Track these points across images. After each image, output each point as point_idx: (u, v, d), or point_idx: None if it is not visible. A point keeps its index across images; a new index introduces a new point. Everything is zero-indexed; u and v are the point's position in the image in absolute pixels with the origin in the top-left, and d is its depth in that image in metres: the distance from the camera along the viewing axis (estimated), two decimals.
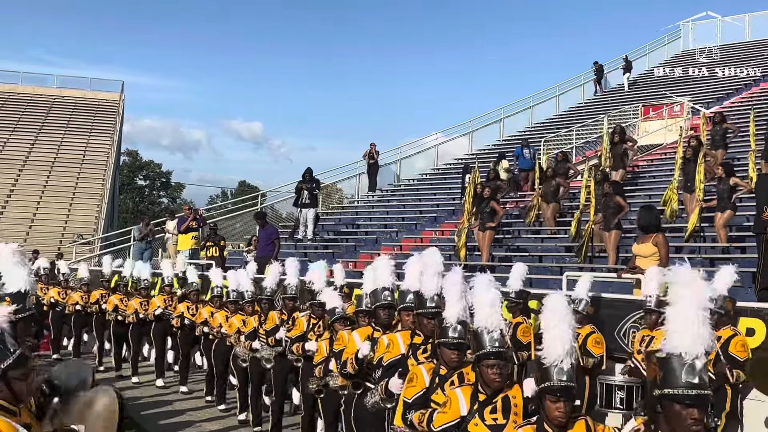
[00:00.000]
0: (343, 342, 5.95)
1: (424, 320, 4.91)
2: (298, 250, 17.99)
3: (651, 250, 7.65)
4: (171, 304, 11.33)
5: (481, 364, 3.90)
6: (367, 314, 6.03)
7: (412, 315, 5.15)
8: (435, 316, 4.73)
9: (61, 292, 13.74)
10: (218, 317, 9.69)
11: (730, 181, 10.67)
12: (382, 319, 5.63)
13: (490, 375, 3.84)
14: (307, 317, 7.59)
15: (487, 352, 3.86)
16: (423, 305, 4.94)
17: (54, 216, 29.02)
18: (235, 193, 57.36)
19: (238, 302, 9.22)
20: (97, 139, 35.24)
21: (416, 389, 4.35)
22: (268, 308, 8.62)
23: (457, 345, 4.31)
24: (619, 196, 11.45)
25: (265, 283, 8.97)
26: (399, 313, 5.44)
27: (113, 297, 12.35)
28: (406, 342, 5.09)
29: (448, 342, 4.31)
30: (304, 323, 7.55)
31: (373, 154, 21.26)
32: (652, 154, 18.54)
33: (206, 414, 9.58)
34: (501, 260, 12.73)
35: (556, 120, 25.93)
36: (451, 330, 4.31)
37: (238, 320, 9.06)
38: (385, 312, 5.60)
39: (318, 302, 7.41)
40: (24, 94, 39.08)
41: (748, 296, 8.27)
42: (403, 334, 5.18)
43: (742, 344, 6.00)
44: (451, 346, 4.31)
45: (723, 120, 14.37)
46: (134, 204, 57.70)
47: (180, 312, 10.88)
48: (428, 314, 4.87)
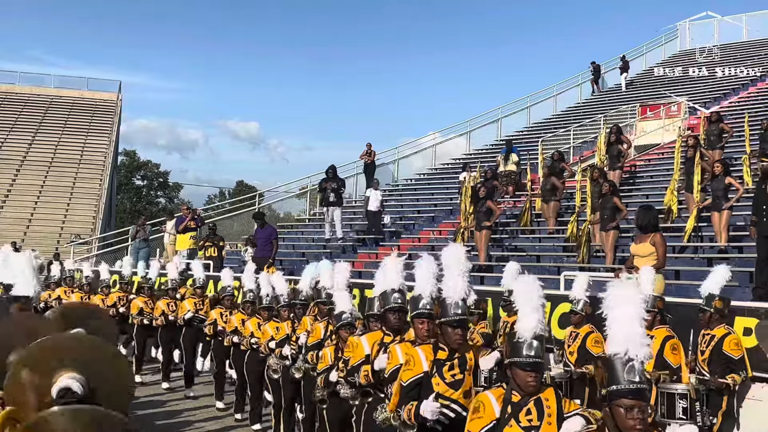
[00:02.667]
0: (353, 349, 5.56)
1: (449, 330, 4.34)
2: (296, 250, 18.01)
3: (649, 249, 7.64)
4: (202, 308, 10.62)
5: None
6: (378, 318, 5.65)
7: (428, 324, 4.59)
8: (461, 325, 4.32)
9: (84, 297, 12.83)
10: (249, 325, 8.71)
11: (725, 180, 10.69)
12: (393, 323, 5.24)
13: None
14: (325, 323, 6.95)
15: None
16: (447, 313, 4.35)
17: (51, 216, 28.99)
18: (232, 193, 57.36)
19: (272, 308, 8.38)
20: (95, 139, 35.22)
21: (484, 421, 3.61)
22: (302, 314, 7.88)
23: (534, 365, 3.60)
24: (616, 198, 11.47)
25: (300, 285, 8.12)
26: (411, 321, 4.79)
27: (137, 299, 11.75)
28: (429, 357, 4.41)
29: (522, 362, 3.60)
30: (321, 330, 6.95)
31: (370, 153, 21.25)
32: (649, 153, 18.56)
33: (204, 414, 9.56)
34: (498, 260, 12.73)
35: (554, 120, 25.95)
36: (526, 347, 3.62)
37: (271, 328, 8.18)
38: (396, 316, 5.20)
39: (323, 301, 7.01)
40: (22, 94, 39.03)
41: (746, 296, 8.31)
42: (425, 349, 4.46)
43: (735, 343, 6.04)
44: (527, 367, 3.59)
45: (720, 119, 14.40)
46: (132, 204, 57.60)
47: (213, 319, 9.89)
48: (454, 323, 4.33)
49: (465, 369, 4.36)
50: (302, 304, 7.94)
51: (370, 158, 21.23)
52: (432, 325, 4.58)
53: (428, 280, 4.69)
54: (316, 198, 22.50)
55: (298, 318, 7.82)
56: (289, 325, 7.91)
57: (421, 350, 4.44)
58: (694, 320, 6.38)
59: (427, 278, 4.70)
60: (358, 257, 15.87)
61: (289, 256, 17.30)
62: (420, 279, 4.73)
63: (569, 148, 20.00)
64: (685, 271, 10.20)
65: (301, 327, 7.51)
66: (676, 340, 6.10)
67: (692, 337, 6.32)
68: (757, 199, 8.96)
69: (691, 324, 6.42)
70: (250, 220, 19.20)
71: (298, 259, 16.54)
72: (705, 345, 6.17)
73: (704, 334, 6.24)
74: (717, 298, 6.20)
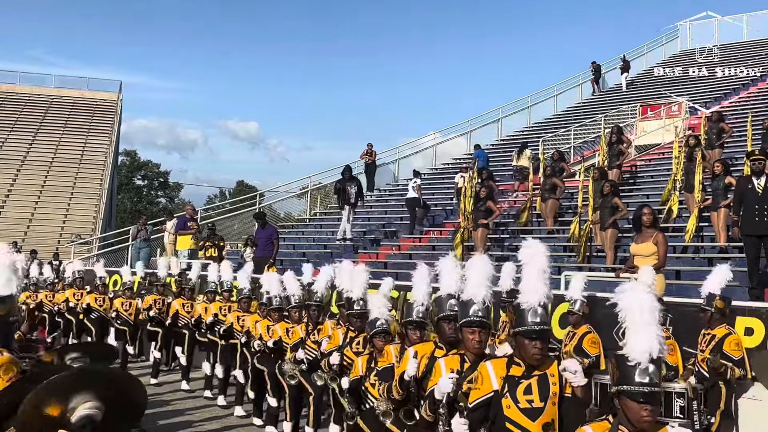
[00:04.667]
0: (389, 358, 5.04)
1: (526, 342, 3.64)
2: (297, 250, 18.01)
3: (651, 249, 7.63)
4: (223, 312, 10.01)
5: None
6: (417, 326, 5.05)
7: (479, 334, 4.12)
8: (541, 337, 3.63)
9: (98, 299, 12.37)
10: (260, 327, 8.36)
11: (725, 179, 10.69)
12: (448, 335, 4.49)
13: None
14: (344, 329, 6.52)
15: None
16: (523, 321, 3.67)
17: (52, 216, 29.01)
18: (233, 193, 57.36)
19: (282, 309, 8.11)
20: (95, 139, 35.25)
21: None
22: (317, 316, 7.47)
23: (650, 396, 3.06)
24: (617, 197, 11.48)
25: (315, 286, 7.73)
26: (461, 329, 4.25)
27: (175, 302, 11.22)
28: (500, 374, 3.67)
29: (634, 392, 3.03)
30: (339, 336, 6.47)
31: (371, 153, 21.28)
32: (650, 153, 18.56)
33: (205, 413, 9.56)
34: (498, 260, 12.71)
35: (554, 120, 25.93)
36: (639, 373, 3.08)
37: (281, 329, 7.93)
38: (451, 326, 4.45)
39: (358, 312, 6.25)
40: (22, 94, 39.08)
41: (747, 296, 8.30)
42: (496, 364, 3.73)
43: (736, 343, 6.05)
44: (641, 398, 3.04)
45: (720, 119, 14.40)
46: (132, 204, 57.63)
47: (230, 322, 9.41)
48: (532, 334, 3.61)
49: (547, 395, 3.53)
50: (317, 306, 7.53)
51: (371, 158, 21.25)
52: (484, 335, 4.15)
53: (482, 283, 4.22)
54: (317, 198, 22.54)
55: (313, 320, 7.41)
56: (303, 329, 7.50)
57: (492, 366, 3.73)
58: (695, 320, 6.39)
59: (481, 282, 4.23)
60: (359, 257, 15.86)
61: (289, 256, 17.30)
62: (473, 281, 4.24)
63: (570, 148, 20.00)
64: (685, 271, 10.20)
65: (323, 331, 7.06)
66: (672, 341, 6.11)
67: None
68: (743, 197, 8.70)
69: (692, 324, 6.43)
70: (250, 220, 19.20)
71: (299, 259, 16.54)
72: (705, 344, 6.18)
73: (704, 333, 6.24)
74: (718, 297, 6.21)
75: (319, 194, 22.52)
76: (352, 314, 6.37)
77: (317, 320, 7.36)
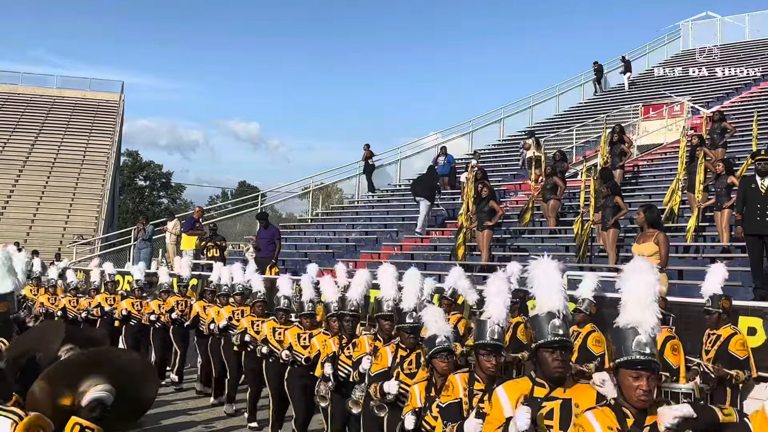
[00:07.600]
0: (455, 392, 4.18)
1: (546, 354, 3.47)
2: (299, 251, 18.01)
3: (653, 249, 7.62)
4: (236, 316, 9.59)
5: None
6: (493, 351, 4.12)
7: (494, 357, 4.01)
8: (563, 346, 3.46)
9: (108, 299, 12.29)
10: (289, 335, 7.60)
11: (728, 179, 10.68)
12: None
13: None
14: (393, 346, 5.62)
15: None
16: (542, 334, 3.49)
17: (54, 216, 29.03)
18: (235, 194, 57.37)
19: (314, 315, 7.56)
20: (97, 140, 35.26)
21: None
22: (351, 327, 6.63)
23: None
24: (618, 197, 11.46)
25: (349, 293, 6.75)
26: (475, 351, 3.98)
27: (196, 304, 10.83)
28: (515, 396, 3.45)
29: None
30: (388, 355, 5.59)
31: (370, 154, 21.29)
32: (652, 153, 18.55)
33: (208, 414, 9.56)
34: (501, 260, 12.72)
35: (556, 120, 25.92)
36: None
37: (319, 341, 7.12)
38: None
39: (410, 325, 5.40)
40: (24, 95, 39.12)
41: (749, 295, 8.29)
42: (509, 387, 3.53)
43: (741, 343, 6.02)
44: None
45: (722, 118, 14.38)
46: (134, 204, 57.69)
47: (243, 327, 8.78)
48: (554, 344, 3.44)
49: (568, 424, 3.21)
50: (352, 316, 6.64)
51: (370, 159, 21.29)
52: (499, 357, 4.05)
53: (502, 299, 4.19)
54: (318, 198, 22.56)
55: (346, 332, 6.61)
56: (336, 342, 6.68)
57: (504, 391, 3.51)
58: (698, 320, 6.37)
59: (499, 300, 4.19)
60: (360, 257, 15.85)
61: (291, 257, 17.31)
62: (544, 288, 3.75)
63: (572, 148, 19.99)
64: (687, 270, 10.19)
65: (359, 347, 6.15)
66: (676, 340, 6.07)
67: None
68: (746, 196, 8.69)
69: (695, 324, 6.41)
70: (252, 220, 19.21)
71: (301, 260, 16.54)
72: (710, 345, 6.15)
73: (709, 333, 6.21)
74: (723, 297, 6.18)
75: (321, 194, 22.53)
76: (403, 329, 5.47)
77: (352, 332, 6.59)
